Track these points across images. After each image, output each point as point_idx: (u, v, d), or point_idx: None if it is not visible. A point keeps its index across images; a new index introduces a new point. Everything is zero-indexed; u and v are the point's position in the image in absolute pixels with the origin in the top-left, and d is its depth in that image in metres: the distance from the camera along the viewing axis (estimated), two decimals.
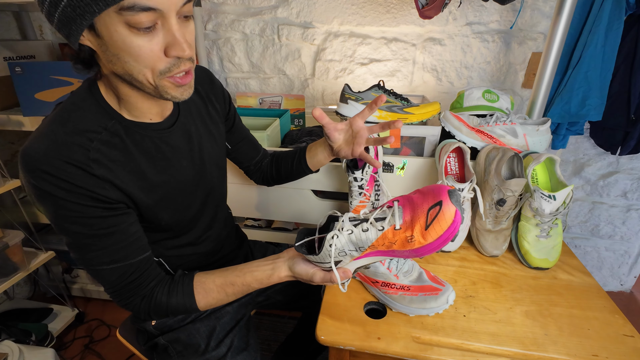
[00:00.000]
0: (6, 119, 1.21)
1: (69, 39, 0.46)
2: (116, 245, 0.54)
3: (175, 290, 0.60)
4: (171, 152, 0.61)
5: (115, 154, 0.54)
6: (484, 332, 0.61)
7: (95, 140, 0.52)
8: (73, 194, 0.49)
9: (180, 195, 0.64)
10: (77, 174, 0.49)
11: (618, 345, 0.59)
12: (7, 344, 1.17)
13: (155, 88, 0.50)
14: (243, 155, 0.86)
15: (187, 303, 0.60)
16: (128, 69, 0.48)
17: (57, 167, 0.48)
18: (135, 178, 0.56)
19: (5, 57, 1.26)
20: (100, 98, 0.54)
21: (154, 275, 0.60)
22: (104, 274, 0.55)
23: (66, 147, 0.49)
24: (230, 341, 0.75)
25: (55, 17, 0.44)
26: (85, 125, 0.52)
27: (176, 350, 0.73)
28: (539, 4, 1.20)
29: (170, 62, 0.48)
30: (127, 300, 0.58)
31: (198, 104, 0.70)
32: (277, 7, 1.34)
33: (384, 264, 0.66)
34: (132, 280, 0.57)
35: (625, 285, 1.65)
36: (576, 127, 1.22)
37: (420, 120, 0.93)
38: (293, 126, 1.28)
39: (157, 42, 0.46)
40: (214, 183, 0.73)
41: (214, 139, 0.72)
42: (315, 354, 1.03)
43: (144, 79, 0.49)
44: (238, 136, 0.83)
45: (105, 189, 0.52)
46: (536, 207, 0.75)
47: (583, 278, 0.74)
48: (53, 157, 0.48)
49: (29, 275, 1.41)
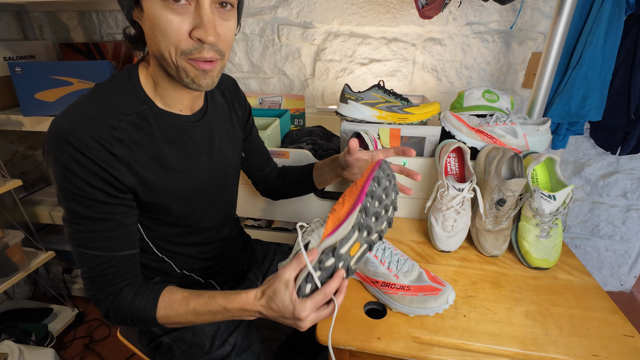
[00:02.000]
0: (6, 119, 1.21)
1: (123, 10, 0.51)
2: (105, 234, 0.55)
3: (143, 292, 0.58)
4: (193, 145, 0.63)
5: (141, 136, 0.55)
6: (484, 332, 0.61)
7: (124, 121, 0.53)
8: (86, 170, 0.50)
9: (194, 190, 0.65)
10: (97, 150, 0.50)
11: (618, 345, 0.59)
12: (7, 344, 1.17)
13: (177, 69, 0.52)
14: (254, 165, 0.88)
15: (148, 309, 0.56)
16: (158, 45, 0.50)
17: (80, 140, 0.49)
18: (154, 163, 0.57)
19: (5, 57, 1.26)
20: (137, 83, 0.57)
21: (130, 275, 0.58)
22: (84, 257, 0.55)
23: (94, 123, 0.51)
24: (235, 340, 0.75)
25: None
26: (118, 107, 0.54)
27: (180, 349, 0.73)
28: (539, 4, 1.20)
29: (192, 44, 0.50)
30: (94, 292, 0.57)
31: (224, 107, 0.73)
32: (277, 7, 1.34)
33: (384, 264, 0.66)
34: (106, 274, 0.56)
35: (625, 285, 1.65)
36: (576, 127, 1.22)
37: (420, 120, 0.93)
38: (293, 126, 1.28)
39: (185, 22, 0.49)
40: (227, 185, 0.74)
41: (233, 144, 0.74)
42: (315, 354, 1.03)
43: (168, 56, 0.51)
44: (252, 146, 0.85)
45: (120, 170, 0.53)
46: (536, 207, 0.75)
47: (583, 278, 0.74)
48: (80, 130, 0.49)
49: (29, 275, 1.41)
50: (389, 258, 0.67)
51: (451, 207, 0.78)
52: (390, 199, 0.58)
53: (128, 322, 0.58)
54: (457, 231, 0.79)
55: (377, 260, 0.66)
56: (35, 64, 1.13)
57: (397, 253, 0.69)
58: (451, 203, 0.78)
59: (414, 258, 0.79)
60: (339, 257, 0.52)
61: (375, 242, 0.57)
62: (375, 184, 0.55)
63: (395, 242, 0.86)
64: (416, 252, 0.82)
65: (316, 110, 1.44)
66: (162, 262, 0.70)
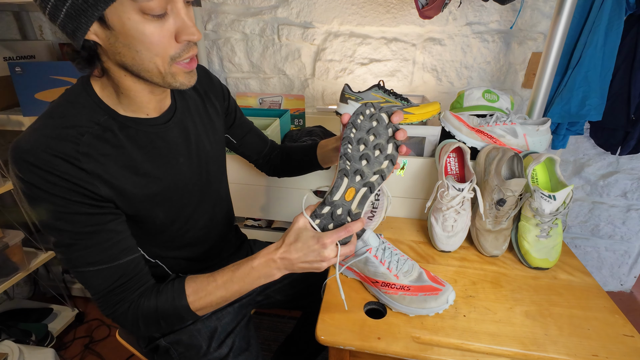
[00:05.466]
0: (6, 119, 1.21)
1: (75, 34, 0.45)
2: (101, 245, 0.53)
3: (165, 290, 0.57)
4: (167, 148, 0.61)
5: (107, 148, 0.53)
6: (484, 332, 0.61)
7: (86, 134, 0.51)
8: (59, 187, 0.49)
9: (176, 193, 0.63)
10: (64, 167, 0.49)
11: (618, 345, 0.59)
12: (7, 344, 1.17)
13: (164, 76, 0.51)
14: (250, 149, 0.86)
15: (177, 301, 0.56)
16: (139, 59, 0.48)
17: (44, 159, 0.48)
18: (128, 173, 0.55)
19: (5, 57, 1.26)
20: (93, 94, 0.54)
21: (144, 280, 0.58)
22: (89, 276, 0.53)
23: (55, 140, 0.49)
24: (232, 342, 0.75)
25: (62, 12, 0.43)
26: (77, 121, 0.52)
27: (178, 352, 0.73)
28: (539, 4, 1.20)
29: (180, 47, 0.49)
30: (113, 308, 0.55)
31: (196, 101, 0.70)
32: (277, 7, 1.34)
33: (384, 264, 0.66)
34: (119, 285, 0.55)
35: (625, 285, 1.65)
36: (576, 127, 1.22)
37: (420, 120, 0.93)
38: (293, 126, 1.28)
39: (167, 28, 0.47)
40: (212, 181, 0.72)
41: (212, 137, 0.71)
42: (315, 354, 1.03)
43: (154, 67, 0.49)
44: (242, 130, 0.83)
45: (94, 184, 0.51)
46: (536, 207, 0.75)
47: (583, 278, 0.74)
48: (41, 150, 0.48)
49: (29, 275, 1.41)
50: (389, 258, 0.67)
51: (451, 207, 0.78)
52: (382, 137, 0.58)
53: (162, 325, 0.57)
54: (457, 231, 0.79)
55: (377, 260, 0.66)
56: (35, 64, 1.13)
57: (397, 253, 0.69)
58: (451, 203, 0.78)
59: (414, 258, 0.79)
60: (333, 203, 0.56)
61: (378, 183, 0.58)
62: (353, 130, 0.57)
63: (395, 242, 0.86)
64: (416, 252, 0.82)
65: (316, 110, 1.44)
66: (156, 267, 0.69)
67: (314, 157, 0.81)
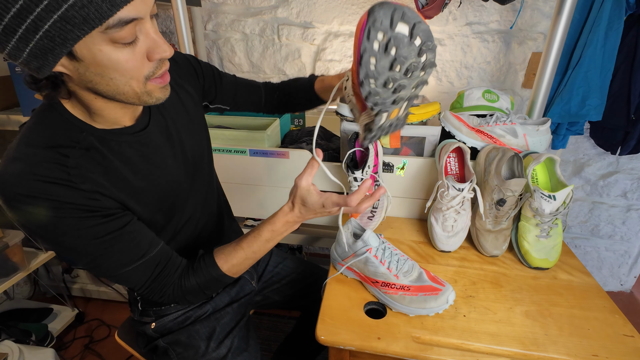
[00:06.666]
0: (6, 119, 1.21)
1: (41, 70, 0.41)
2: (128, 246, 0.54)
3: (199, 266, 0.62)
4: (153, 153, 0.59)
5: (94, 166, 0.51)
6: (484, 332, 0.61)
7: (70, 157, 0.49)
8: (65, 210, 0.47)
9: (170, 194, 0.62)
10: (62, 192, 0.47)
11: (618, 345, 0.59)
12: (7, 344, 1.18)
13: (140, 96, 0.48)
14: (246, 106, 0.83)
15: (213, 272, 0.62)
16: (113, 85, 0.46)
17: (39, 188, 0.45)
18: (122, 186, 0.54)
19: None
20: (64, 111, 0.51)
21: (178, 262, 0.61)
22: (127, 276, 0.55)
23: (41, 166, 0.46)
24: (231, 342, 0.75)
25: (25, 52, 0.39)
26: (55, 141, 0.49)
27: (176, 352, 0.73)
28: (539, 4, 1.20)
29: (153, 65, 0.47)
30: (160, 292, 0.59)
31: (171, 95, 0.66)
32: (277, 7, 1.34)
33: (384, 264, 0.66)
34: (158, 273, 0.58)
35: (625, 285, 1.65)
36: (576, 127, 1.22)
37: (420, 120, 0.93)
38: (293, 126, 1.28)
39: (139, 51, 0.45)
40: (199, 174, 0.71)
41: (192, 127, 0.69)
42: (315, 354, 1.03)
43: (129, 89, 0.47)
44: (229, 91, 0.79)
45: (96, 199, 0.50)
46: (536, 207, 0.75)
47: (583, 278, 0.74)
48: (31, 180, 0.45)
49: (29, 275, 1.41)
50: (389, 258, 0.67)
51: (451, 207, 0.78)
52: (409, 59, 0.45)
53: (207, 293, 0.64)
54: (457, 231, 0.79)
55: (377, 260, 0.66)
56: None
57: (397, 253, 0.69)
58: (451, 203, 0.78)
59: (414, 258, 0.79)
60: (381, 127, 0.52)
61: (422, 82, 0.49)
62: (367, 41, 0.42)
63: (395, 242, 0.86)
64: (416, 252, 0.82)
65: (316, 110, 1.44)
66: None
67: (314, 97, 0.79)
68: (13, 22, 0.37)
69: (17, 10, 0.36)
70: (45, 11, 0.37)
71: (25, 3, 0.36)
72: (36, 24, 0.37)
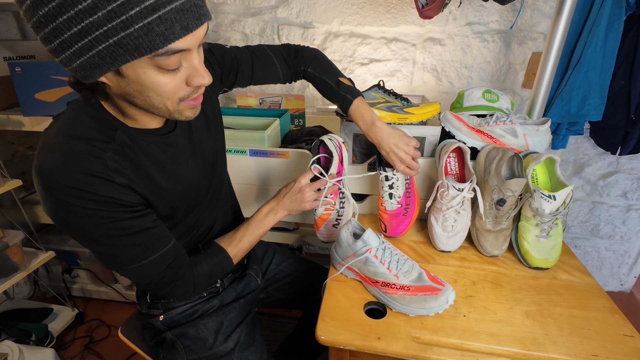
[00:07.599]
0: (6, 119, 1.21)
1: (86, 79, 0.44)
2: (148, 241, 0.56)
3: (207, 254, 0.67)
4: (178, 154, 0.63)
5: (126, 163, 0.54)
6: (484, 332, 0.61)
7: (108, 151, 0.52)
8: (102, 203, 0.50)
9: (190, 194, 0.66)
10: (101, 185, 0.49)
11: (618, 345, 0.59)
12: (7, 344, 1.17)
13: (172, 113, 0.51)
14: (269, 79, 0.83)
15: (220, 257, 0.68)
16: (149, 101, 0.49)
17: (81, 180, 0.48)
18: (148, 183, 0.57)
19: (5, 57, 1.26)
20: (100, 108, 0.53)
21: (185, 257, 0.64)
22: (143, 268, 0.57)
23: (82, 159, 0.49)
24: (238, 336, 0.76)
25: (75, 62, 0.42)
26: (93, 135, 0.51)
27: (184, 344, 0.74)
28: (539, 4, 1.20)
29: (190, 89, 0.50)
30: (172, 284, 0.61)
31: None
32: (277, 7, 1.34)
33: (384, 264, 0.66)
34: (172, 265, 0.60)
35: (625, 285, 1.65)
36: (576, 127, 1.22)
37: (420, 120, 0.93)
38: (293, 126, 1.28)
39: (180, 77, 0.48)
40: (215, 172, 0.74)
41: (209, 127, 0.71)
42: (315, 354, 1.03)
43: (163, 107, 0.50)
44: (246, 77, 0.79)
45: (127, 194, 0.53)
46: (536, 207, 0.75)
47: (583, 278, 0.74)
48: (74, 171, 0.48)
49: (29, 275, 1.41)
50: (389, 258, 0.67)
51: (451, 207, 0.78)
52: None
53: (212, 280, 0.69)
54: (457, 231, 0.79)
55: (377, 260, 0.66)
56: (35, 64, 1.13)
57: (397, 253, 0.69)
58: (451, 203, 0.78)
59: (414, 258, 0.79)
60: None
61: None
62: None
63: (395, 242, 0.86)
64: (416, 252, 0.82)
65: (316, 110, 1.44)
66: None
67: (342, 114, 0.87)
68: (71, 39, 0.39)
69: (77, 30, 0.39)
70: (104, 35, 0.39)
71: (87, 26, 0.38)
72: (92, 44, 0.40)
